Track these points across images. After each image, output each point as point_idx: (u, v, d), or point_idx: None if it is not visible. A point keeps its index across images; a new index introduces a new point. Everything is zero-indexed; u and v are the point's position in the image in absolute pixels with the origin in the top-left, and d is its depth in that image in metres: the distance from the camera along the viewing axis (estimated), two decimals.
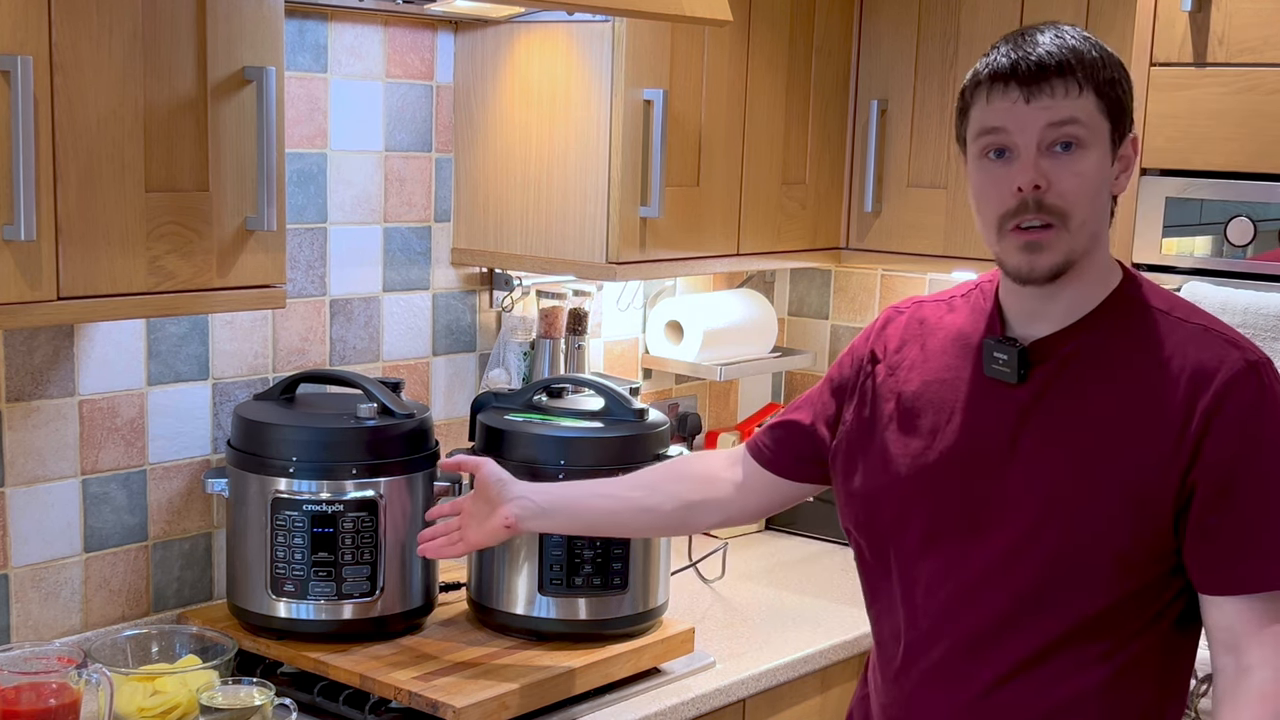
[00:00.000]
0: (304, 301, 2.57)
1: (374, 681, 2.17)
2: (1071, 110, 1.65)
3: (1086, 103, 1.66)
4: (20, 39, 1.73)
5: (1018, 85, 1.66)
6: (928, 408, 1.81)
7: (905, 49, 2.99)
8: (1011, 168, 1.67)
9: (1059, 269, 1.68)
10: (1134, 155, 1.73)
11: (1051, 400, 1.72)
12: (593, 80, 2.56)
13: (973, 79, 1.71)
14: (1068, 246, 1.67)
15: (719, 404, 3.44)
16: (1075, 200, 1.66)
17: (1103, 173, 1.68)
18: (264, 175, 1.98)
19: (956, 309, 1.85)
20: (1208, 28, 2.45)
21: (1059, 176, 1.65)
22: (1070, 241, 1.67)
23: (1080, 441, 1.69)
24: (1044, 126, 1.65)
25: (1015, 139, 1.66)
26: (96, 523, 2.33)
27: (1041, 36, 1.67)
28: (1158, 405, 1.67)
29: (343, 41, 2.57)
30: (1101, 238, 1.73)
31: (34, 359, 2.23)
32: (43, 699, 1.98)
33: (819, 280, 3.54)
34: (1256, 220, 2.44)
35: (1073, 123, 1.65)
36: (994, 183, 1.69)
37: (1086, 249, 1.70)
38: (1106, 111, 1.67)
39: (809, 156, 2.99)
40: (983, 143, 1.69)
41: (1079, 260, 1.70)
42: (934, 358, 1.83)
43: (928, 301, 1.91)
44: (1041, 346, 1.74)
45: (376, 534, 2.28)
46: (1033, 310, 1.75)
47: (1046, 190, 1.65)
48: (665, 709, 2.31)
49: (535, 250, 2.68)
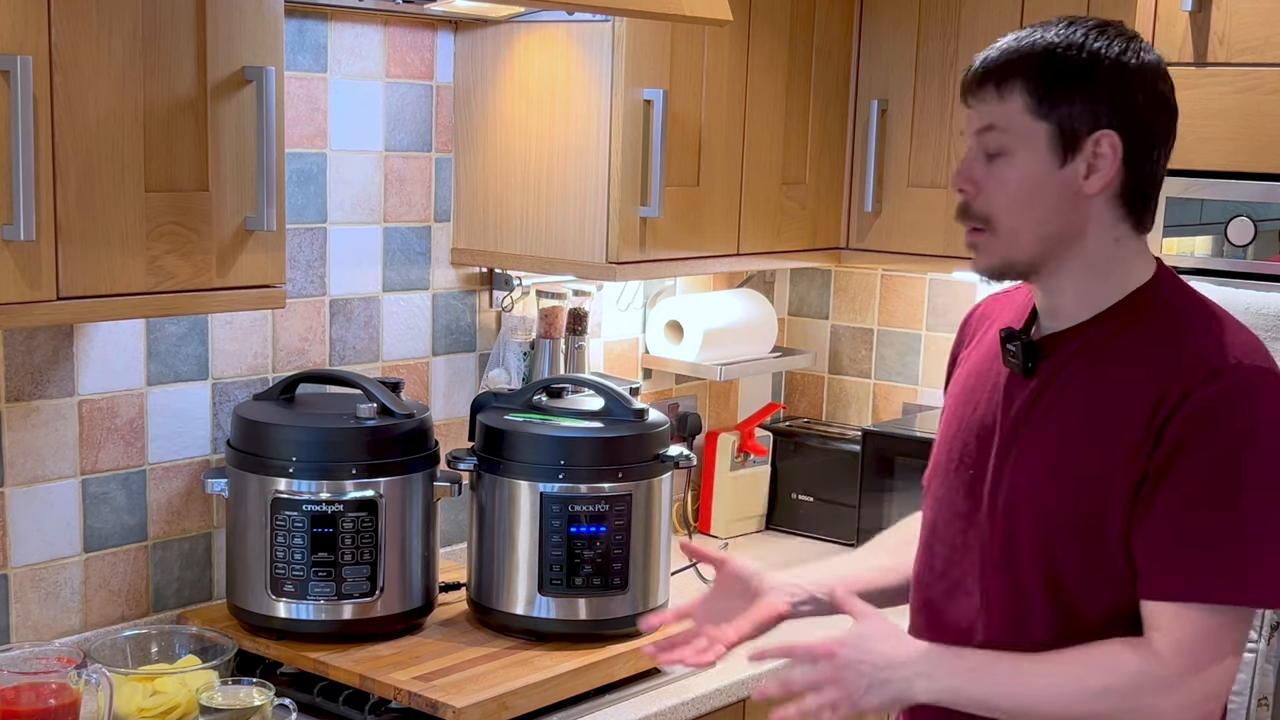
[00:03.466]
0: (304, 301, 2.57)
1: (374, 681, 2.17)
2: (990, 117, 1.68)
3: (1009, 108, 1.66)
4: (20, 39, 1.73)
5: (964, 89, 1.71)
6: (967, 396, 1.85)
7: (905, 49, 2.99)
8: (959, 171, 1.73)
9: (996, 270, 1.72)
10: (1112, 154, 1.66)
11: (1051, 394, 1.73)
12: (593, 80, 2.56)
13: None
14: (1002, 251, 1.70)
15: (719, 404, 3.44)
16: (998, 207, 1.68)
17: (1036, 178, 1.66)
18: (264, 175, 1.98)
19: (1016, 300, 1.88)
20: (1208, 28, 2.45)
21: (986, 183, 1.69)
22: (1004, 247, 1.69)
23: (1062, 436, 1.70)
24: (975, 132, 1.69)
25: (966, 140, 1.71)
26: (96, 523, 2.33)
27: (1004, 39, 1.70)
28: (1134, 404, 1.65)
29: (342, 41, 2.57)
30: (1077, 239, 1.69)
31: (34, 359, 2.23)
32: (42, 699, 1.98)
33: (819, 280, 3.54)
34: (1256, 220, 2.44)
35: (989, 130, 1.68)
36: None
37: (1041, 253, 1.69)
38: (1041, 113, 1.65)
39: (809, 156, 2.99)
40: None
41: (1043, 264, 1.70)
42: (983, 348, 1.87)
43: (999, 295, 1.94)
44: (1049, 342, 1.75)
45: (376, 534, 2.28)
46: (1047, 306, 1.77)
47: (974, 196, 1.69)
48: (665, 709, 2.31)
49: (535, 250, 2.68)
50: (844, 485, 3.22)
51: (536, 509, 2.35)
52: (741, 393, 3.50)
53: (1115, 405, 1.67)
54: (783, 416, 3.56)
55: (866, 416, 3.47)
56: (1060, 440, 1.70)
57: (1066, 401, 1.71)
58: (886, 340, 3.45)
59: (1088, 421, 1.69)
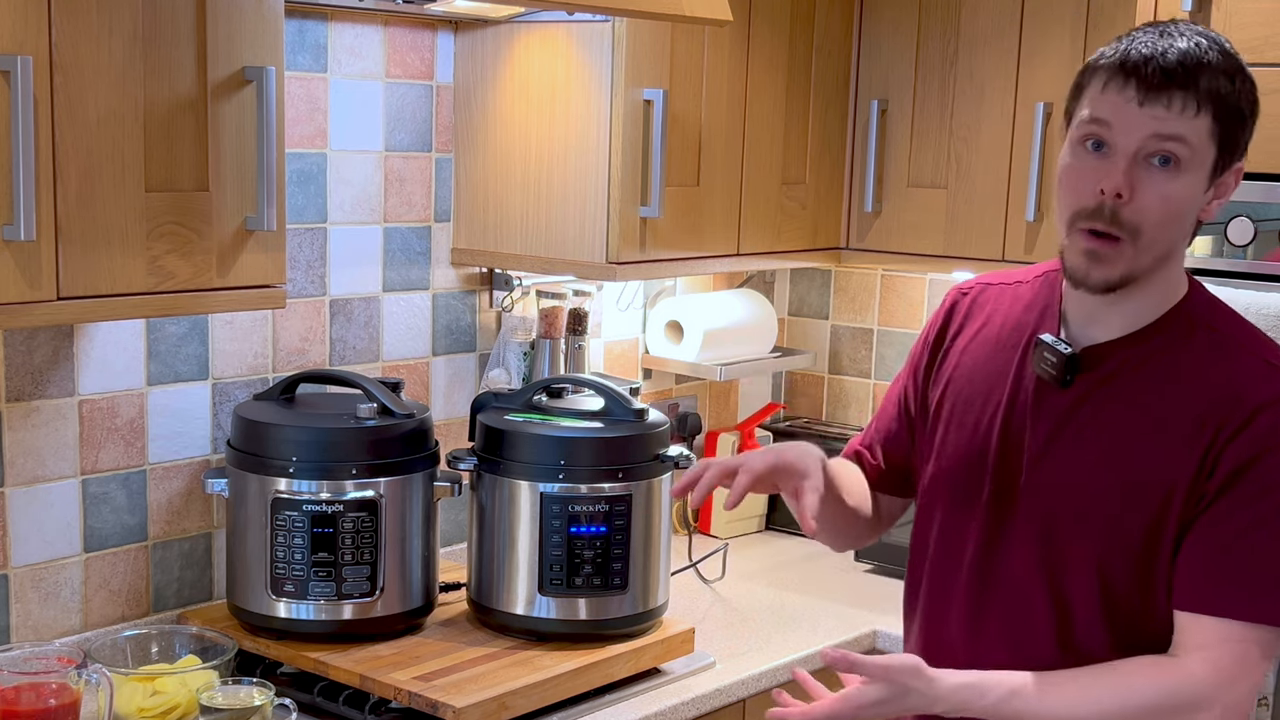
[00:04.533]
0: (304, 301, 2.57)
1: (374, 681, 2.17)
2: (1181, 128, 1.59)
3: (1200, 125, 1.60)
4: (20, 39, 1.73)
5: (1137, 85, 1.60)
6: (976, 398, 1.81)
7: (905, 49, 2.99)
8: (1103, 165, 1.62)
9: (1115, 283, 1.65)
10: (1234, 185, 1.67)
11: (1091, 409, 1.71)
12: (592, 80, 2.56)
13: (1098, 59, 1.65)
14: (1130, 264, 1.64)
15: (719, 404, 3.44)
16: (1153, 219, 1.62)
17: (1192, 198, 1.63)
18: (264, 175, 1.98)
19: (1022, 295, 1.83)
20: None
21: (1144, 191, 1.61)
22: (1134, 259, 1.63)
23: (1108, 452, 1.69)
24: (1149, 135, 1.60)
25: (1117, 137, 1.61)
26: (96, 523, 2.33)
27: (1182, 42, 1.61)
28: (1186, 425, 1.65)
29: (343, 41, 2.57)
30: (1173, 257, 1.69)
31: (34, 359, 2.23)
32: (43, 699, 1.98)
33: (819, 280, 3.54)
34: (1256, 220, 2.44)
35: (1177, 140, 1.60)
36: (1081, 174, 1.64)
37: (1151, 267, 1.66)
38: (1218, 138, 1.62)
39: (809, 156, 2.99)
40: (1085, 130, 1.64)
41: (1141, 276, 1.66)
42: (985, 343, 1.83)
43: (994, 284, 1.89)
44: (1092, 354, 1.72)
45: (376, 534, 2.27)
46: (1091, 314, 1.73)
47: (1128, 201, 1.61)
48: (665, 709, 2.31)
49: (535, 250, 2.68)
50: None
51: (536, 509, 2.35)
52: (741, 393, 3.50)
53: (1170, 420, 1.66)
54: (783, 416, 3.56)
55: (866, 416, 3.47)
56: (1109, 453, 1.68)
57: (1112, 415, 1.69)
58: (886, 340, 3.45)
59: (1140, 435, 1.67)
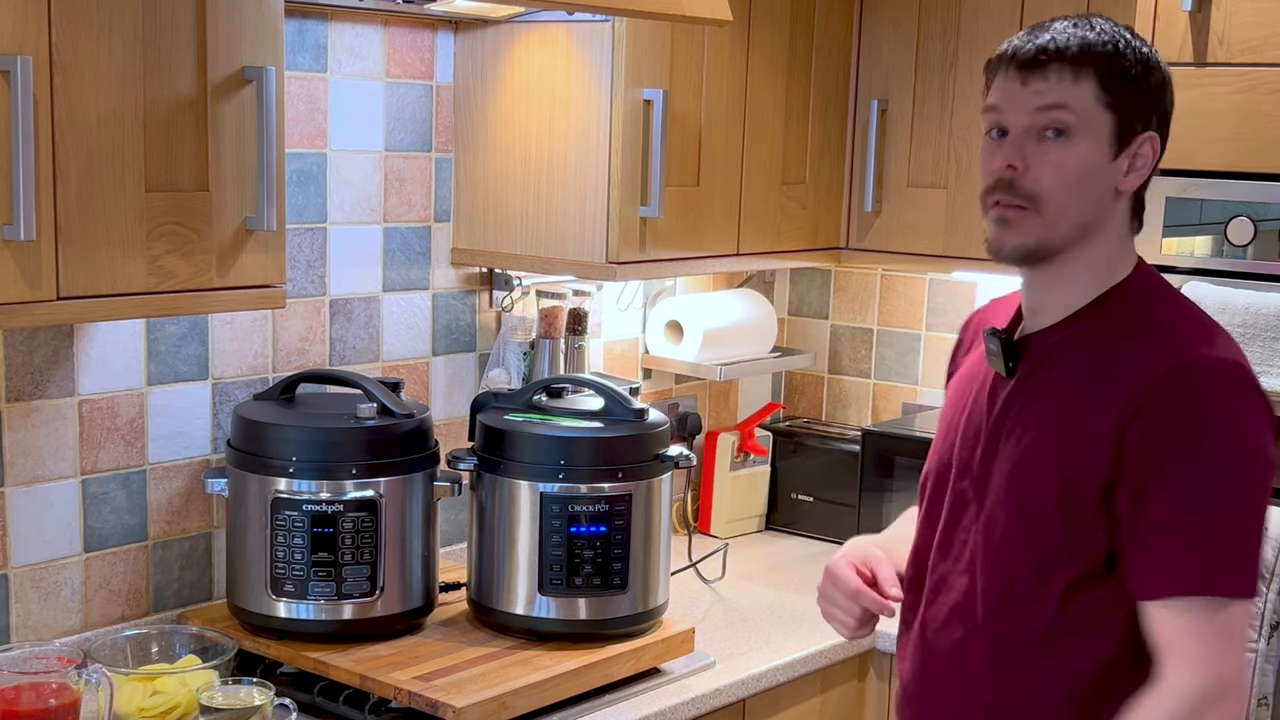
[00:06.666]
0: (304, 301, 2.57)
1: (374, 681, 2.17)
2: (1062, 95, 1.67)
3: (1083, 91, 1.67)
4: (20, 39, 1.73)
5: (1018, 67, 1.70)
6: (960, 399, 1.87)
7: (905, 49, 2.99)
8: (1001, 146, 1.71)
9: (1028, 251, 1.71)
10: (1151, 155, 1.72)
11: (1024, 398, 1.75)
12: (592, 80, 2.56)
13: (989, 59, 1.76)
14: (1042, 232, 1.70)
15: (719, 404, 3.44)
16: (1049, 186, 1.68)
17: (1093, 166, 1.69)
18: (264, 175, 1.98)
19: (1011, 306, 1.89)
20: (1208, 28, 2.45)
21: (1037, 162, 1.68)
22: (1045, 228, 1.69)
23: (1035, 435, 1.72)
24: (1033, 110, 1.69)
25: (1009, 119, 1.71)
26: (96, 523, 2.33)
27: (1059, 24, 1.71)
28: (1101, 402, 1.67)
29: (342, 41, 2.57)
30: (1098, 233, 1.72)
31: (34, 359, 2.23)
32: (43, 699, 1.98)
33: (819, 280, 3.54)
34: (1256, 220, 2.44)
35: (1061, 108, 1.68)
36: (987, 159, 1.74)
37: (1070, 240, 1.71)
38: (1109, 105, 1.68)
39: (809, 156, 2.99)
40: (987, 120, 1.74)
41: (1064, 251, 1.71)
42: (978, 352, 1.89)
43: (997, 301, 1.96)
44: (1030, 340, 1.77)
45: (376, 534, 2.27)
46: (1034, 303, 1.79)
47: (1023, 173, 1.69)
48: (665, 709, 2.31)
49: (535, 250, 2.68)
50: (844, 485, 3.22)
51: (536, 509, 2.35)
52: (741, 393, 3.50)
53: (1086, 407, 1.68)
54: (782, 416, 3.56)
55: (866, 416, 3.47)
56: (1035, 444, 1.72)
57: (1038, 404, 1.74)
58: (886, 340, 3.45)
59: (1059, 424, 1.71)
